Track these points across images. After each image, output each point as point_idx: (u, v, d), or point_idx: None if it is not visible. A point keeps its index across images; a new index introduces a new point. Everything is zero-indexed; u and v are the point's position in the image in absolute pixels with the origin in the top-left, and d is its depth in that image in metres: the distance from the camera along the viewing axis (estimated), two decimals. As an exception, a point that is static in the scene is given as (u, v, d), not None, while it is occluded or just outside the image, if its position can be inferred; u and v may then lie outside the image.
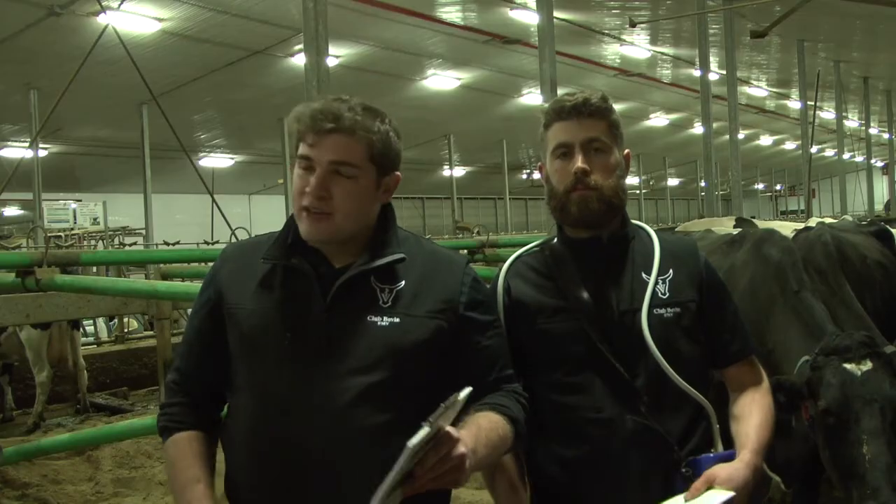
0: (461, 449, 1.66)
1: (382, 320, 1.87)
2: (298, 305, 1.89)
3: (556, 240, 2.24)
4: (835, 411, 2.45)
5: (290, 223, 1.97)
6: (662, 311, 2.11)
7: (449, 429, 1.65)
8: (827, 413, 2.46)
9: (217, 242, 17.38)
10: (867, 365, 2.48)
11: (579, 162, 2.11)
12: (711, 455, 2.03)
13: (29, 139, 18.46)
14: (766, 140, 41.05)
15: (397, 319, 1.88)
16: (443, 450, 1.63)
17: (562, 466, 2.14)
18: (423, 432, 1.54)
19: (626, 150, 2.22)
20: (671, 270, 2.16)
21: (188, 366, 2.03)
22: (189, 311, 2.16)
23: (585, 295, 2.12)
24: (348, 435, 1.81)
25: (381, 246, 1.93)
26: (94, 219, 19.93)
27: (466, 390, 1.68)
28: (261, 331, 1.90)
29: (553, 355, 2.15)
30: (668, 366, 2.05)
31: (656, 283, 2.13)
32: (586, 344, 2.09)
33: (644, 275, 2.14)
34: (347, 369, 1.84)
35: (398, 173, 1.98)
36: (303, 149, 1.89)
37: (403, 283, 1.91)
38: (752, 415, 2.13)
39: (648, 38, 22.60)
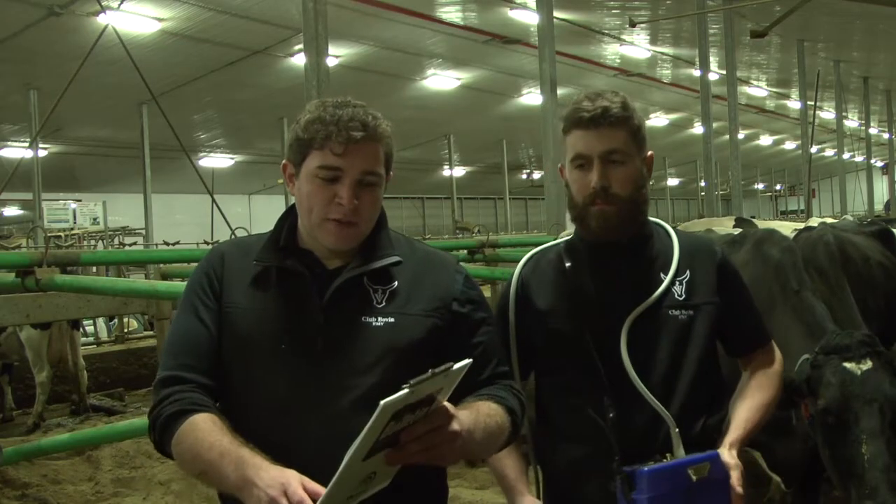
0: (455, 427, 1.65)
1: (377, 320, 1.87)
2: (295, 307, 1.88)
3: (575, 238, 2.22)
4: (834, 410, 2.44)
5: (281, 225, 1.96)
6: (677, 312, 2.10)
7: (447, 405, 1.64)
8: (826, 412, 2.46)
9: (217, 242, 17.35)
10: (867, 364, 2.47)
11: (597, 177, 2.07)
12: (645, 469, 1.94)
13: (29, 139, 18.47)
14: (766, 140, 41.06)
15: (392, 319, 1.87)
16: (436, 422, 1.62)
17: (569, 465, 2.15)
18: (401, 394, 1.51)
19: (650, 153, 2.18)
20: (688, 271, 2.15)
21: (197, 362, 1.88)
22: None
23: (595, 297, 2.11)
24: (348, 436, 1.79)
25: (374, 247, 1.93)
26: (94, 219, 19.93)
27: (464, 362, 1.66)
28: (256, 332, 1.88)
29: (560, 355, 2.15)
30: (630, 366, 2.04)
31: (672, 283, 2.11)
32: (588, 347, 2.09)
33: (662, 274, 2.13)
34: (345, 370, 1.84)
35: (392, 172, 1.98)
36: (326, 158, 1.84)
37: (396, 283, 1.91)
38: (748, 398, 2.17)
39: (648, 38, 22.62)
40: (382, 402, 1.50)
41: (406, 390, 1.52)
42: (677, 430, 2.05)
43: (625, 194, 2.09)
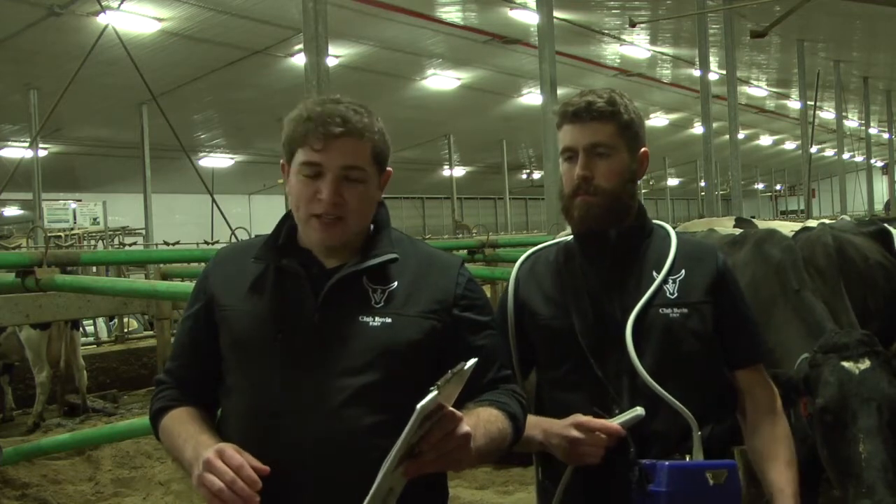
0: (465, 428, 1.66)
1: (374, 321, 1.86)
2: (289, 306, 1.88)
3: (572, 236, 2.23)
4: (832, 409, 2.44)
5: (282, 224, 1.97)
6: (668, 310, 2.09)
7: (451, 409, 1.65)
8: (824, 411, 2.46)
9: (217, 242, 17.38)
10: (865, 363, 2.48)
11: (580, 168, 2.10)
12: (667, 463, 1.95)
13: (29, 139, 18.47)
14: (766, 140, 41.08)
15: (389, 320, 1.86)
16: (448, 426, 1.63)
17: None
18: (432, 395, 1.53)
19: (643, 149, 2.19)
20: (683, 271, 2.14)
21: (180, 366, 2.02)
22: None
23: (584, 293, 2.12)
24: (341, 435, 1.79)
25: (373, 246, 1.92)
26: (94, 219, 19.92)
27: (472, 361, 1.67)
28: (252, 332, 1.89)
29: (555, 352, 2.16)
30: (641, 367, 2.03)
31: (664, 281, 2.11)
32: (579, 344, 2.09)
33: (654, 272, 2.12)
34: (339, 370, 1.83)
35: (389, 169, 1.97)
36: (308, 154, 1.86)
37: (396, 283, 1.90)
38: (779, 458, 2.11)
39: (648, 38, 22.63)
40: (419, 406, 1.52)
41: (435, 392, 1.53)
42: (700, 433, 2.04)
43: (608, 186, 2.10)
